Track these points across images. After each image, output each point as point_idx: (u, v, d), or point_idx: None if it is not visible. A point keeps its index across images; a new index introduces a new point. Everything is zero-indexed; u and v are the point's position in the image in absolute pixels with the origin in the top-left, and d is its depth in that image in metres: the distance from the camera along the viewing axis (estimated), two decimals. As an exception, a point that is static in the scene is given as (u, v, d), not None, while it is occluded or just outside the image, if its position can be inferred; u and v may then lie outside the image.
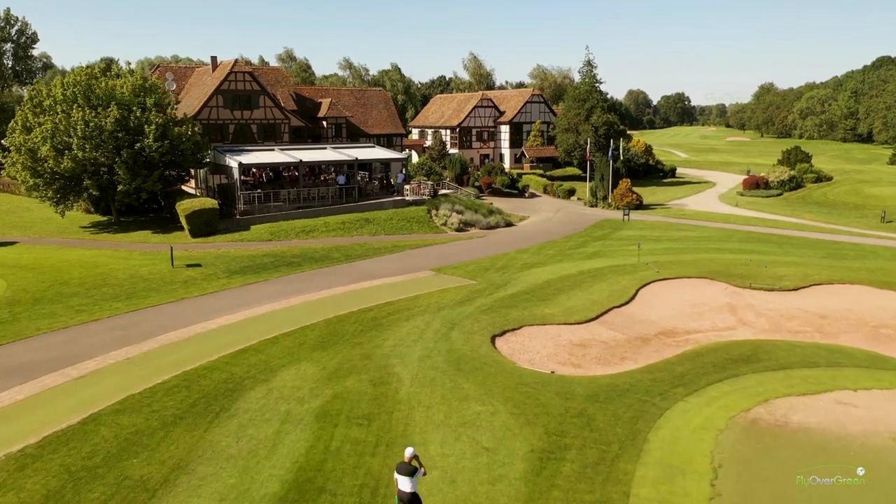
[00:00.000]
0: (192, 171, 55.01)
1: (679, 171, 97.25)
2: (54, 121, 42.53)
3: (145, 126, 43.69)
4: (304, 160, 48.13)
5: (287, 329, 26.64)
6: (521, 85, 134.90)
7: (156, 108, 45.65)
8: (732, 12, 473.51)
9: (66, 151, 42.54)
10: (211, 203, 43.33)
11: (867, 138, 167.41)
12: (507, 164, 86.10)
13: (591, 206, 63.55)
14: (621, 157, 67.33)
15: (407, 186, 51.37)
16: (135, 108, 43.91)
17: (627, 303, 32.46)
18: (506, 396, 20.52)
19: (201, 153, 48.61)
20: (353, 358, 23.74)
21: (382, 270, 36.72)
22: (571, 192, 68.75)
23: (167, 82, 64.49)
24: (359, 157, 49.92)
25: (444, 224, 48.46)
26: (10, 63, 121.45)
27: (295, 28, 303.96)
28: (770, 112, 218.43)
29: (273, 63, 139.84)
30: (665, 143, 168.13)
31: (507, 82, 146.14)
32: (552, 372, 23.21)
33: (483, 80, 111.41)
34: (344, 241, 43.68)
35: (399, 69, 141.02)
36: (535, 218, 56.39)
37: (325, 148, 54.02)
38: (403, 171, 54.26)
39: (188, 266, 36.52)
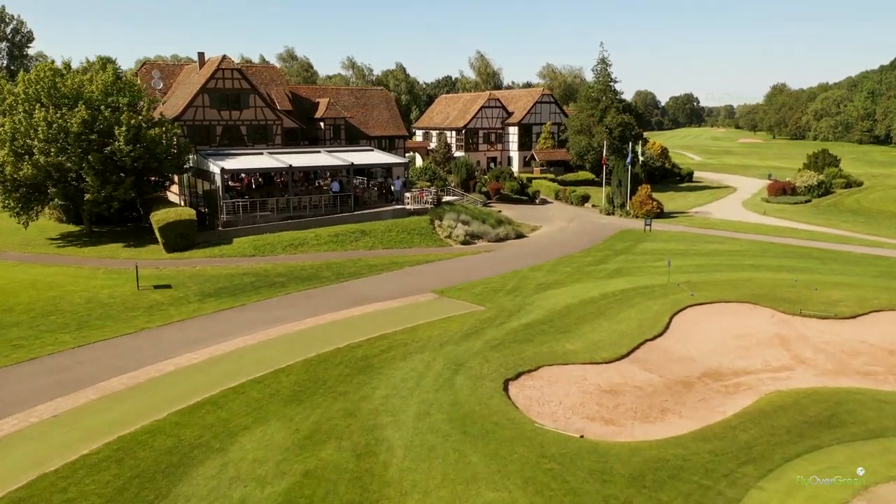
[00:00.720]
0: (177, 177, 50.67)
1: (696, 174, 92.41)
2: (14, 121, 38.11)
3: (115, 128, 39.23)
4: (293, 165, 43.58)
5: (257, 373, 22.08)
6: (528, 85, 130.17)
7: (129, 107, 41.18)
8: (741, 11, 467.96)
9: (28, 156, 38.09)
10: (188, 214, 38.82)
11: (885, 140, 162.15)
12: (515, 168, 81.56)
13: (608, 213, 58.86)
14: (639, 161, 62.60)
15: (408, 194, 46.80)
16: (104, 108, 39.45)
17: (661, 334, 27.85)
18: (525, 476, 15.94)
19: (181, 158, 44.13)
20: (333, 415, 19.16)
21: (377, 292, 32.15)
22: (585, 199, 64.06)
23: (153, 80, 60.22)
24: (355, 162, 45.37)
25: (449, 236, 43.85)
26: (5, 62, 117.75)
27: (297, 28, 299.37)
28: (783, 113, 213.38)
29: (274, 63, 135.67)
30: (676, 145, 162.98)
31: (513, 82, 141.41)
32: (581, 436, 18.58)
33: (490, 79, 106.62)
34: (336, 256, 39.09)
35: (404, 68, 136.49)
36: (548, 228, 51.73)
37: (319, 151, 49.54)
38: (402, 178, 49.73)
39: (156, 287, 32.00)
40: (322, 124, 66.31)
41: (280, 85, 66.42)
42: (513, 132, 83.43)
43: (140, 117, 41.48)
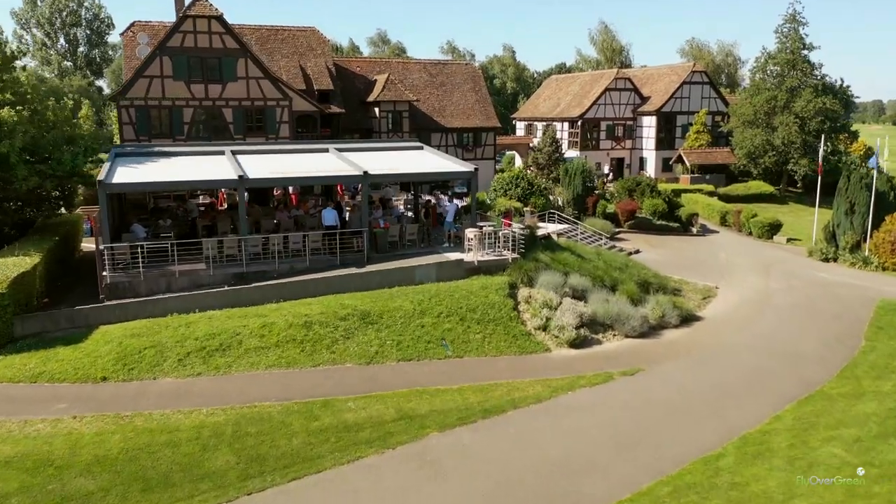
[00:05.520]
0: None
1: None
2: None
3: None
4: (249, 175, 22.38)
5: None
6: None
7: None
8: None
9: None
10: (-7, 277, 18.33)
11: None
12: (650, 172, 57.22)
13: (825, 259, 33.74)
14: (880, 168, 36.64)
15: (471, 231, 24.09)
16: None
17: None
18: None
19: (76, 161, 23.99)
20: None
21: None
22: (775, 229, 39.07)
23: (139, 47, 41.24)
24: (371, 170, 23.47)
25: (545, 328, 21.00)
26: (84, 50, 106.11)
27: (393, 10, 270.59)
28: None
29: (364, 48, 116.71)
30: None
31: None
32: None
33: (615, 57, 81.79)
34: (282, 386, 17.06)
35: (513, 51, 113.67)
36: (733, 293, 27.62)
37: (326, 150, 27.95)
38: (456, 201, 27.43)
39: None
40: (377, 110, 45.47)
41: (321, 55, 45.94)
42: (648, 124, 58.97)
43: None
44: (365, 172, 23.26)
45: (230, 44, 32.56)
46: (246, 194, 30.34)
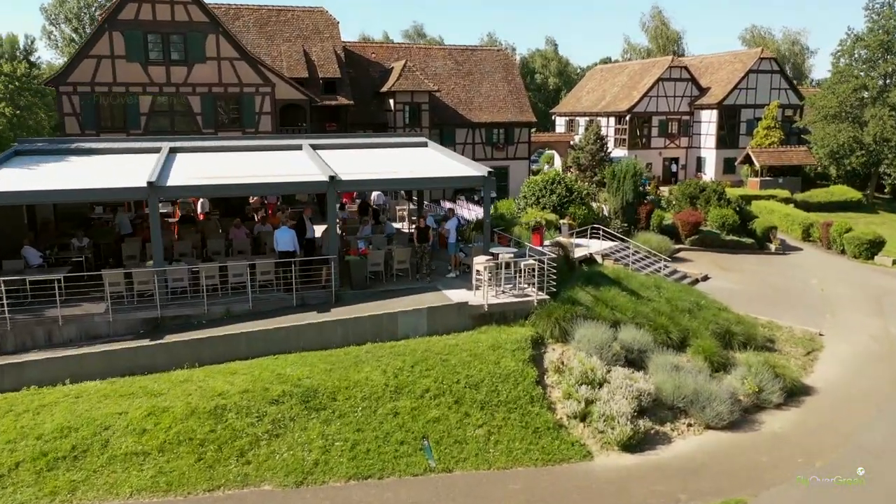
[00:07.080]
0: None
1: None
2: None
3: None
4: (168, 182, 15.76)
5: None
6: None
7: None
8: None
9: None
10: None
11: None
12: (709, 175, 49.17)
13: (955, 291, 25.57)
14: None
15: (481, 262, 16.87)
16: None
17: None
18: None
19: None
20: None
21: None
22: (875, 247, 30.81)
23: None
24: (342, 175, 16.46)
25: (584, 415, 13.82)
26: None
27: (431, 3, 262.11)
28: None
29: (398, 41, 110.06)
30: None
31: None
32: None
33: (669, 46, 73.50)
34: None
35: (555, 44, 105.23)
36: (842, 342, 19.80)
37: (298, 148, 21.09)
38: (457, 216, 20.02)
39: None
40: (392, 102, 38.85)
41: (329, 39, 39.55)
42: (707, 119, 50.75)
43: None
44: (331, 178, 16.31)
45: (197, 16, 26.05)
46: (206, 202, 24.08)
